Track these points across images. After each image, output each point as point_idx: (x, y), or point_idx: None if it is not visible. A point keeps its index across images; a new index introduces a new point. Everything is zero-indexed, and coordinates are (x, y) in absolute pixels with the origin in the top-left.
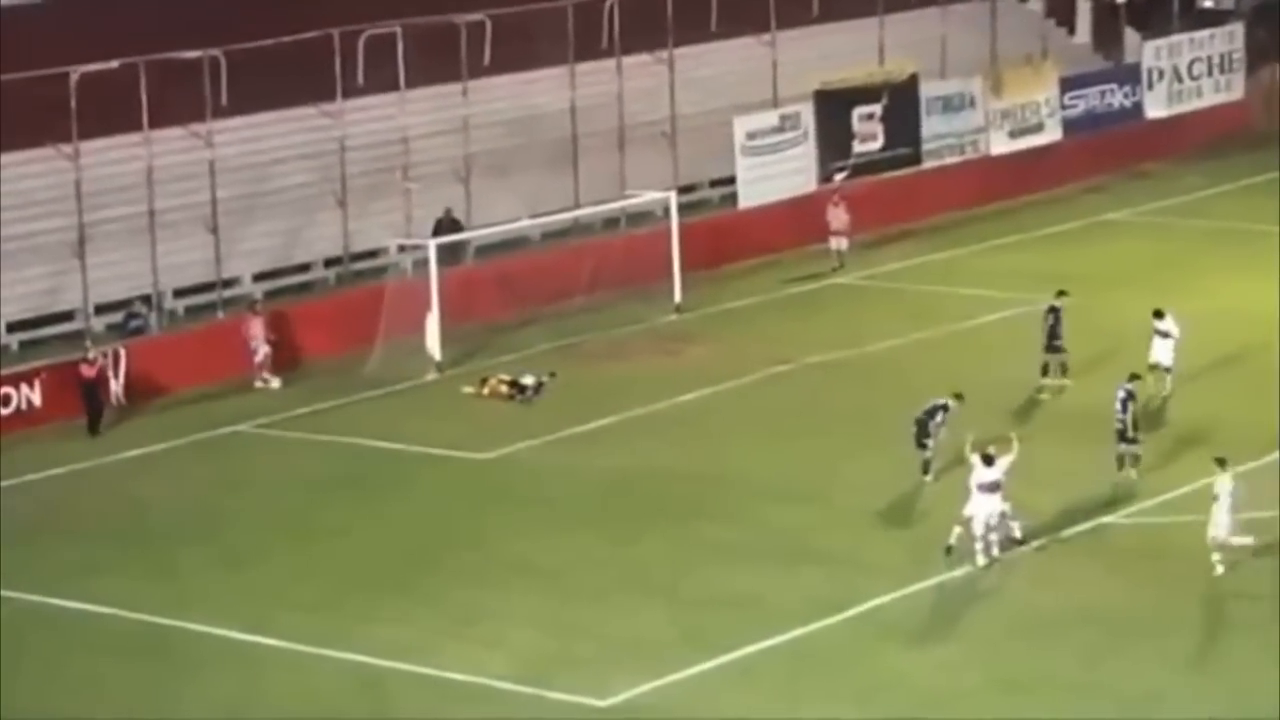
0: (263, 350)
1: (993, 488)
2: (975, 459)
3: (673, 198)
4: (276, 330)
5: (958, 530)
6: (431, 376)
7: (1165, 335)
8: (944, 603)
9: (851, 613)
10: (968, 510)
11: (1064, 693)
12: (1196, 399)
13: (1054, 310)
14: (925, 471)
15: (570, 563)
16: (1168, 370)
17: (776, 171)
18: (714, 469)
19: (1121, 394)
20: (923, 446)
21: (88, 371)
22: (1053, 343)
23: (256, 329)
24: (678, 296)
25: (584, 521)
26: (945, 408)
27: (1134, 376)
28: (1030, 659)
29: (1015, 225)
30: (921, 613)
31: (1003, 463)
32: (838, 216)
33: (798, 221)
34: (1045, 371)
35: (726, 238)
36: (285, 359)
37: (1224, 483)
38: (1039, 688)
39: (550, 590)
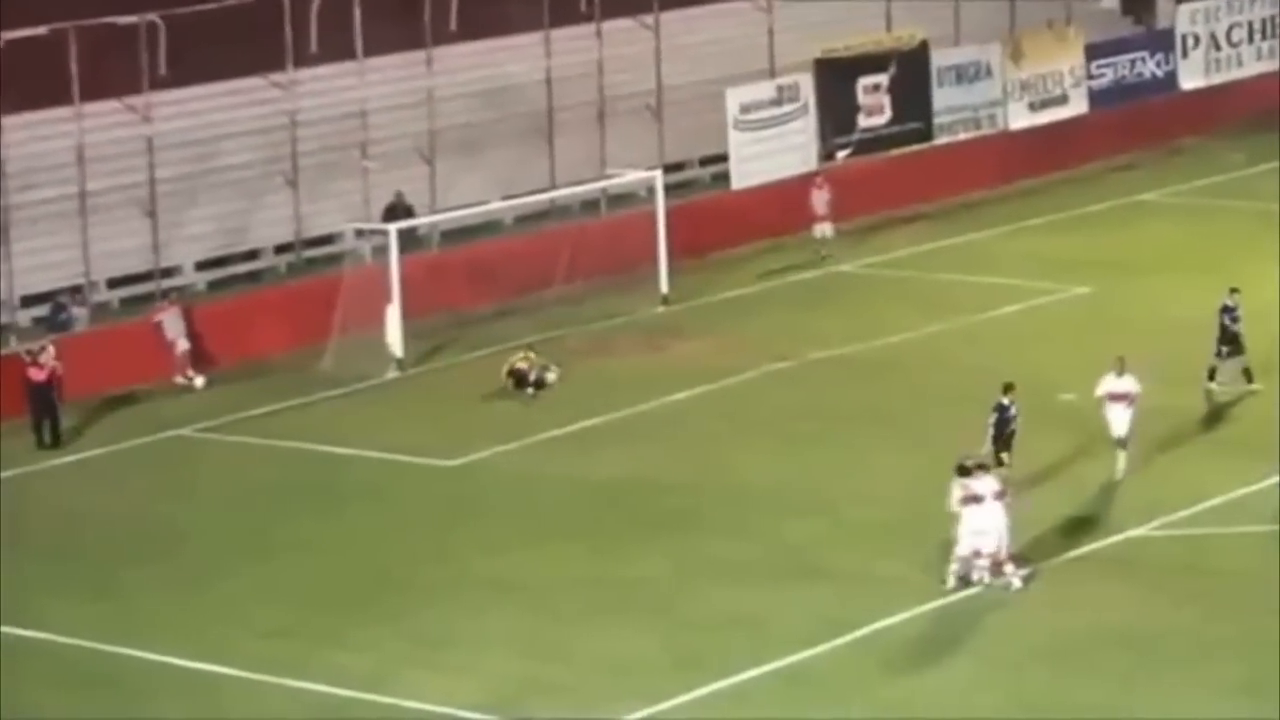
0: (182, 345)
1: (976, 501)
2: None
3: (658, 177)
4: (221, 325)
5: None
6: (393, 374)
7: (1121, 398)
8: (959, 623)
9: (858, 634)
10: (955, 532)
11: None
12: (1239, 399)
13: (1228, 310)
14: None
15: (550, 580)
16: (1122, 443)
17: (773, 149)
18: (708, 477)
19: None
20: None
21: (37, 375)
22: (1228, 345)
23: (173, 321)
24: (664, 286)
25: (566, 535)
26: (1006, 408)
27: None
28: (1054, 684)
29: (1037, 207)
30: (934, 634)
31: (988, 479)
32: (821, 199)
33: (797, 204)
34: (1212, 376)
35: (718, 222)
36: (232, 356)
37: None
38: (1064, 716)
39: (528, 611)
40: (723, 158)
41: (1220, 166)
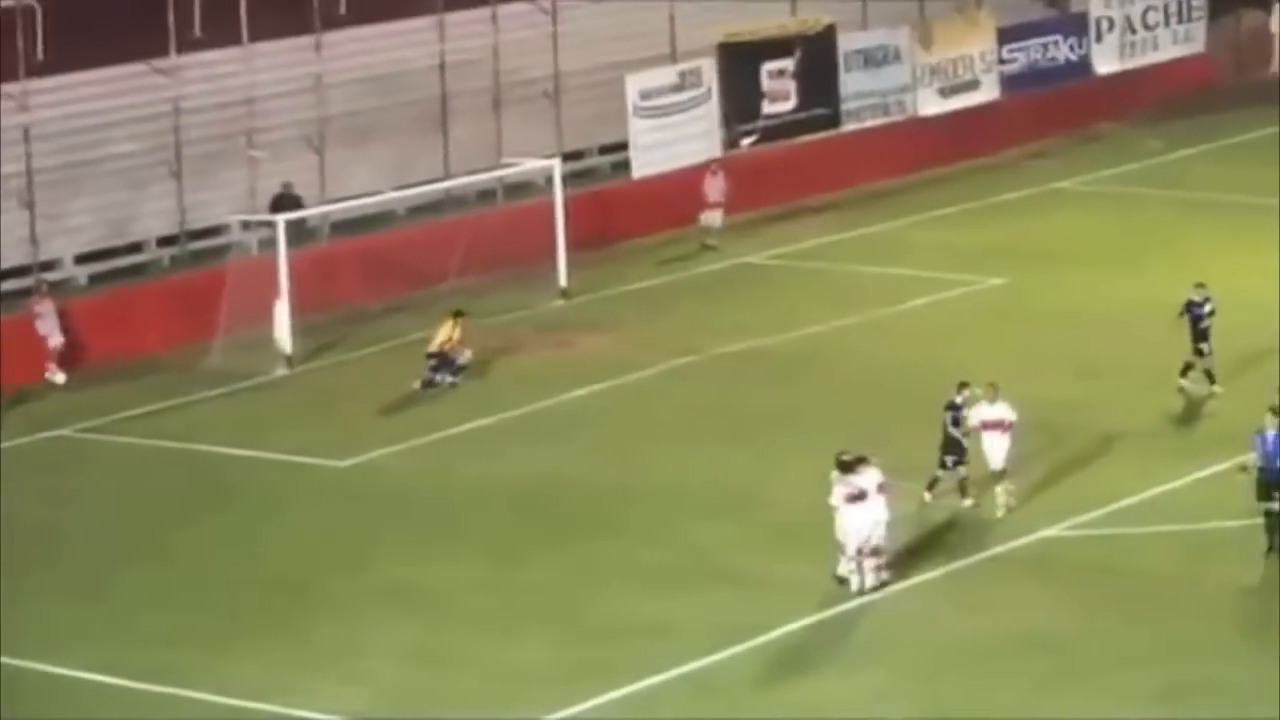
0: (55, 339)
1: (860, 497)
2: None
3: (556, 166)
4: (103, 320)
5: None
6: (281, 372)
7: (995, 425)
8: (869, 627)
9: (766, 639)
10: (838, 530)
11: None
12: (1153, 395)
13: (1194, 305)
14: (964, 493)
15: (449, 587)
16: (999, 475)
17: (675, 136)
18: (613, 478)
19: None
20: (944, 466)
21: None
22: (1199, 344)
23: (48, 316)
24: (564, 279)
25: (464, 540)
26: (959, 406)
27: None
28: (966, 691)
29: (949, 196)
30: (843, 639)
31: (870, 473)
32: (715, 187)
33: (701, 192)
34: (1185, 372)
35: (619, 212)
36: (115, 352)
37: None
38: None
39: (425, 617)
40: (623, 146)
41: (1137, 153)
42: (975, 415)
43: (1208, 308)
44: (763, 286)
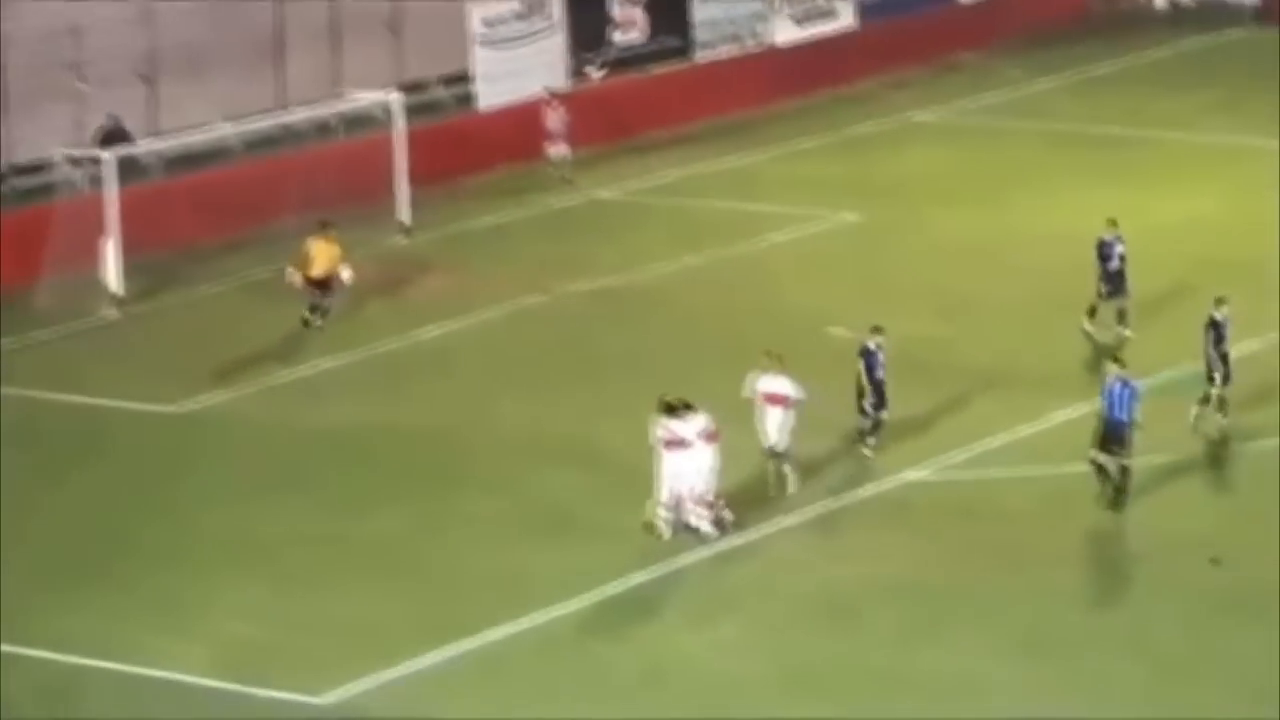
0: None
1: (680, 444)
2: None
3: (397, 98)
4: None
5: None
6: (111, 314)
7: (778, 400)
8: (724, 578)
9: (616, 591)
10: (660, 479)
11: (866, 681)
12: (1016, 333)
13: (1105, 245)
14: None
15: (287, 538)
16: (777, 456)
17: (521, 67)
18: (459, 423)
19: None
20: (863, 412)
21: None
22: (1109, 284)
23: None
24: (405, 216)
25: (302, 488)
26: (873, 352)
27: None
28: (825, 642)
29: (805, 128)
30: (697, 591)
31: (696, 420)
32: (557, 119)
33: (543, 126)
34: (1092, 314)
35: (463, 145)
36: None
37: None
38: (835, 675)
39: (263, 571)
40: (467, 77)
41: (999, 83)
42: (752, 385)
43: (1119, 248)
44: (613, 222)
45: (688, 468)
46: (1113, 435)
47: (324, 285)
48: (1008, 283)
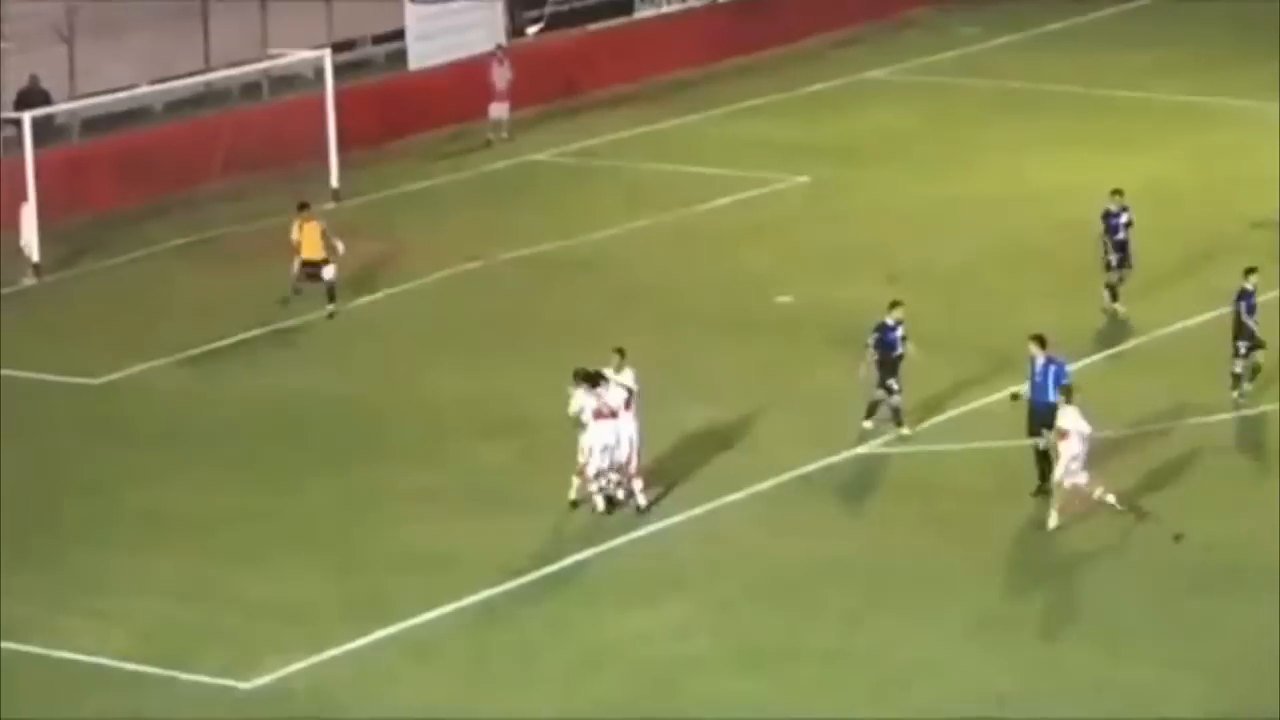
0: None
1: (609, 414)
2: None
3: (327, 57)
4: None
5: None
6: (29, 282)
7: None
8: (667, 556)
9: (555, 569)
10: (581, 449)
11: (813, 663)
12: (968, 300)
13: (1111, 215)
14: (899, 422)
15: (211, 514)
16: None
17: (456, 24)
18: (389, 395)
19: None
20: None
21: None
22: (1121, 256)
23: None
24: (335, 180)
25: (228, 463)
26: (890, 327)
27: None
28: (771, 623)
29: (754, 88)
30: (639, 568)
31: (619, 384)
32: (502, 76)
33: (482, 86)
34: (1114, 294)
35: (395, 106)
36: None
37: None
38: (782, 657)
39: (187, 549)
40: (399, 35)
41: (953, 40)
42: (581, 403)
43: (1124, 218)
44: (551, 186)
45: (617, 436)
46: (1042, 418)
47: (316, 267)
48: (961, 247)
